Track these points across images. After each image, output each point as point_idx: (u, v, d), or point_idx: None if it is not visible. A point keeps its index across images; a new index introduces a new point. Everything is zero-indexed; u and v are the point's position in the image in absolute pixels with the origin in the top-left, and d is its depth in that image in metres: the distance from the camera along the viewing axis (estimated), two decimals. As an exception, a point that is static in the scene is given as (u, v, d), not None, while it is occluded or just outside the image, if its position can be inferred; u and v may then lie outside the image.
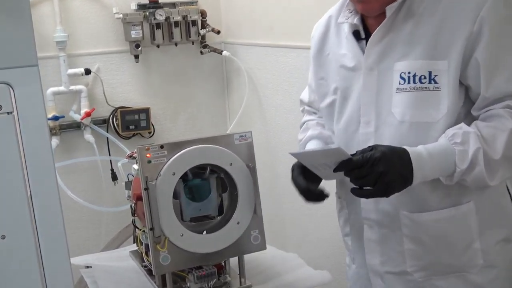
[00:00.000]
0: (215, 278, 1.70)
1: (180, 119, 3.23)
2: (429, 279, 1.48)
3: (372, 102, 1.44)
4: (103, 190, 3.01)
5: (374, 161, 1.27)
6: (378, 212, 1.49)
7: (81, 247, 2.98)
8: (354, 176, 1.31)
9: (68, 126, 2.95)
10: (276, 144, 2.85)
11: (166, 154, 1.59)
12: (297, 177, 1.47)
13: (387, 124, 1.42)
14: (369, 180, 1.29)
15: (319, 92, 1.61)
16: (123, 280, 1.85)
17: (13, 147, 1.04)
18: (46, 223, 1.10)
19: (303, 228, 2.74)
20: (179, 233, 1.60)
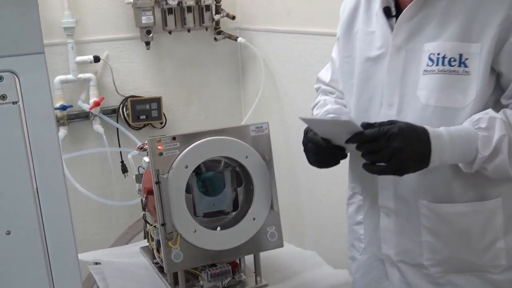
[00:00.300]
0: (230, 277, 1.70)
1: (193, 109, 3.23)
2: (445, 274, 1.46)
3: (396, 83, 1.42)
4: (112, 183, 3.02)
5: (391, 135, 1.27)
6: (396, 200, 1.48)
7: (90, 242, 3.00)
8: (367, 150, 1.31)
9: (76, 116, 2.96)
10: (294, 135, 2.84)
11: (178, 146, 1.59)
12: (313, 136, 1.46)
13: (410, 107, 1.40)
14: (382, 156, 1.28)
15: (344, 70, 1.60)
16: (133, 277, 1.85)
17: (18, 139, 1.03)
18: (53, 217, 1.09)
19: (322, 224, 2.73)
20: (192, 229, 1.60)
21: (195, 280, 1.74)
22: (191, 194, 1.63)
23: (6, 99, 1.02)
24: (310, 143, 1.48)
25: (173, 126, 3.16)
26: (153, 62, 3.09)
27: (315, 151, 1.47)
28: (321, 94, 1.74)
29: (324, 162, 1.49)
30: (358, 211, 1.62)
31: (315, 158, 1.48)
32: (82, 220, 3.01)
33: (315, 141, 1.45)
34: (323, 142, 1.43)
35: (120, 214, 3.07)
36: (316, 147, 1.45)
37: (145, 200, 1.79)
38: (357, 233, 1.63)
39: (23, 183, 1.04)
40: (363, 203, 1.59)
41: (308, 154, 1.51)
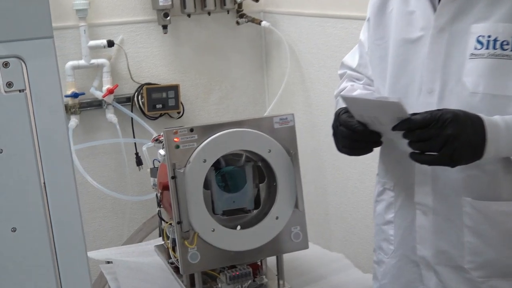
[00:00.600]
0: (250, 279, 1.70)
1: (212, 98, 3.22)
2: (488, 279, 1.43)
3: (438, 68, 1.39)
4: (126, 176, 3.03)
5: (444, 121, 1.24)
6: (435, 196, 1.44)
7: (101, 239, 3.02)
8: (417, 137, 1.27)
9: (89, 104, 2.97)
10: (322, 128, 2.82)
11: (196, 138, 1.58)
12: (347, 118, 1.42)
13: (454, 94, 1.37)
14: (434, 144, 1.25)
15: (375, 54, 1.57)
16: (147, 278, 1.86)
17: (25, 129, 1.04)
18: (61, 213, 1.09)
19: (350, 224, 2.72)
20: (210, 228, 1.60)
21: (213, 282, 1.74)
22: (209, 190, 1.63)
23: (13, 86, 1.02)
24: (342, 126, 1.43)
25: (191, 116, 3.16)
26: (171, 47, 3.09)
27: (347, 136, 1.43)
28: (346, 80, 1.71)
29: (356, 148, 1.45)
30: (388, 210, 1.59)
31: (346, 143, 1.45)
32: (94, 215, 3.03)
33: (349, 125, 1.41)
34: (359, 126, 1.39)
35: (134, 209, 3.09)
36: (349, 131, 1.41)
37: (160, 195, 1.79)
38: (386, 234, 1.60)
39: (29, 177, 1.05)
40: (395, 200, 1.56)
41: (338, 139, 1.47)
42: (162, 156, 1.78)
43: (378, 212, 1.63)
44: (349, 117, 1.42)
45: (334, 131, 1.49)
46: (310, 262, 1.92)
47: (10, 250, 1.06)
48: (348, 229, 2.75)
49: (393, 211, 1.57)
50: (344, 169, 2.68)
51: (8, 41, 0.99)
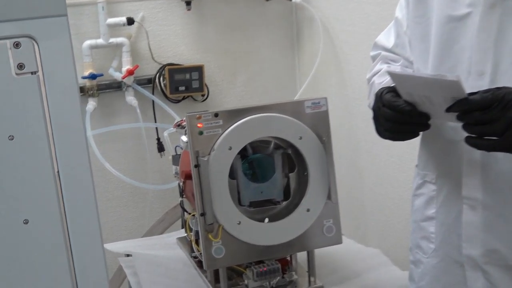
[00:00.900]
0: (279, 276, 1.70)
1: (239, 80, 3.21)
2: None
3: (489, 48, 1.36)
4: (147, 163, 3.05)
5: (508, 102, 1.20)
6: (485, 189, 1.41)
7: (120, 230, 3.05)
8: (475, 120, 1.24)
9: (107, 86, 2.98)
10: (357, 112, 2.80)
11: (221, 124, 1.58)
12: (393, 98, 1.38)
13: (508, 76, 1.33)
14: (496, 127, 1.21)
15: (414, 33, 1.54)
16: (169, 272, 1.87)
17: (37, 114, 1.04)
18: (75, 204, 1.10)
19: (388, 217, 2.70)
20: (236, 221, 1.60)
21: (239, 278, 1.74)
22: (235, 180, 1.63)
23: (24, 68, 1.02)
24: (386, 107, 1.40)
25: (216, 99, 3.16)
26: (195, 25, 3.09)
27: (391, 118, 1.39)
28: (381, 62, 1.68)
29: (401, 132, 1.42)
30: (429, 204, 1.56)
31: (390, 126, 1.41)
32: (112, 205, 3.05)
33: (395, 105, 1.37)
34: (407, 106, 1.35)
35: (155, 199, 3.10)
36: (394, 112, 1.37)
37: (182, 185, 1.80)
38: (426, 231, 1.58)
39: (42, 165, 1.05)
40: (437, 195, 1.53)
41: (381, 122, 1.43)
42: (185, 142, 1.78)
43: (417, 207, 1.60)
44: (394, 97, 1.38)
45: (375, 113, 1.46)
46: (344, 258, 1.92)
47: (22, 244, 1.06)
48: (385, 222, 2.73)
49: (434, 206, 1.54)
50: (382, 157, 2.65)
51: (19, 20, 0.99)
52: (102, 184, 2.96)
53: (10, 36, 1.00)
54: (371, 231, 2.84)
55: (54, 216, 1.07)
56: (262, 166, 1.68)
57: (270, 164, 1.67)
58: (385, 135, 1.44)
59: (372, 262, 1.90)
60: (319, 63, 3.01)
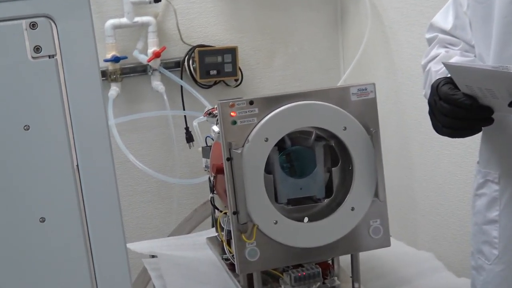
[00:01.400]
0: (319, 281, 1.70)
1: (277, 63, 3.21)
2: None
3: None
4: (174, 155, 3.06)
5: None
6: None
7: (145, 229, 3.07)
8: None
9: (132, 70, 3.00)
10: (409, 101, 2.78)
11: (257, 112, 1.58)
12: (451, 91, 1.38)
13: None
14: None
15: (476, 13, 1.53)
16: (197, 276, 1.88)
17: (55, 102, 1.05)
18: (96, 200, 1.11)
19: (442, 218, 2.68)
20: (272, 220, 1.60)
21: (275, 283, 1.74)
22: (271, 175, 1.63)
23: (41, 51, 1.03)
24: (443, 101, 1.40)
25: (251, 85, 3.16)
26: (228, 2, 3.09)
27: (450, 113, 1.39)
28: (438, 46, 1.67)
29: (461, 128, 1.41)
30: (492, 206, 1.55)
31: (448, 122, 1.41)
32: (136, 201, 3.07)
33: (453, 99, 1.37)
34: (467, 100, 1.35)
35: (183, 194, 3.12)
36: (452, 107, 1.38)
37: (213, 180, 1.80)
38: (489, 235, 1.57)
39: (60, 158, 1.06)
40: (501, 195, 1.53)
41: (438, 117, 1.43)
42: (216, 133, 1.78)
43: (478, 209, 1.59)
44: (452, 89, 1.38)
45: (431, 107, 1.45)
46: (392, 262, 1.91)
47: (38, 244, 1.08)
48: (439, 223, 2.71)
49: (497, 209, 1.53)
50: (435, 150, 2.63)
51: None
52: (125, 177, 2.99)
53: (26, 16, 1.01)
54: (422, 233, 2.82)
55: (72, 214, 1.09)
56: (301, 159, 1.68)
57: (310, 157, 1.67)
58: (443, 132, 1.44)
59: (423, 267, 1.89)
60: (366, 44, 2.99)
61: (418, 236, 2.82)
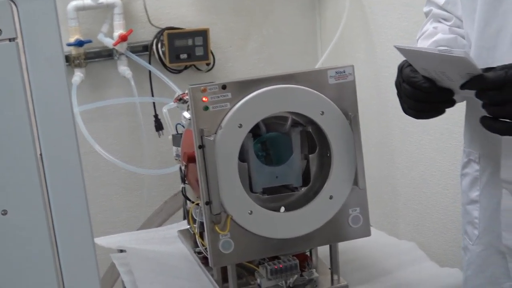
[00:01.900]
0: (297, 274, 1.71)
1: (250, 46, 3.21)
2: None
3: None
4: (143, 144, 3.05)
5: None
6: None
7: (113, 221, 3.06)
8: (489, 99, 1.28)
9: (97, 54, 2.99)
10: (389, 84, 2.78)
11: (230, 97, 1.58)
12: (411, 74, 1.43)
13: None
14: (508, 110, 1.26)
15: None
16: (169, 270, 1.88)
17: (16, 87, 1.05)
18: (61, 192, 1.11)
19: (424, 206, 2.70)
20: (247, 210, 1.61)
21: (251, 276, 1.75)
22: (246, 163, 1.64)
23: (1, 34, 1.03)
24: (406, 83, 1.44)
25: (224, 69, 3.15)
26: (198, -18, 3.08)
27: (412, 95, 1.43)
28: (432, 20, 1.70)
29: (424, 110, 1.45)
30: (473, 186, 1.59)
31: (412, 104, 1.45)
32: (103, 193, 3.06)
33: (413, 81, 1.42)
34: (425, 82, 1.39)
35: (153, 185, 3.11)
36: (413, 89, 1.42)
37: (184, 169, 1.80)
38: (471, 216, 1.62)
39: (22, 148, 1.06)
40: (480, 175, 1.56)
41: (404, 99, 1.48)
42: (187, 120, 1.78)
43: (463, 189, 1.64)
44: (412, 72, 1.42)
45: (397, 89, 1.49)
46: (373, 252, 1.92)
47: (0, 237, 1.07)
48: (421, 212, 2.73)
49: (478, 189, 1.57)
50: (417, 136, 2.65)
51: (-6, -22, 1.00)
52: (91, 169, 2.97)
53: (-16, -2, 1.01)
54: (404, 222, 2.84)
55: (36, 207, 1.08)
56: (277, 146, 1.68)
57: (286, 144, 1.68)
58: (408, 113, 1.49)
59: (405, 258, 1.90)
60: (345, 25, 3.00)
61: (400, 225, 2.84)
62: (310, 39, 3.30)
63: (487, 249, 1.58)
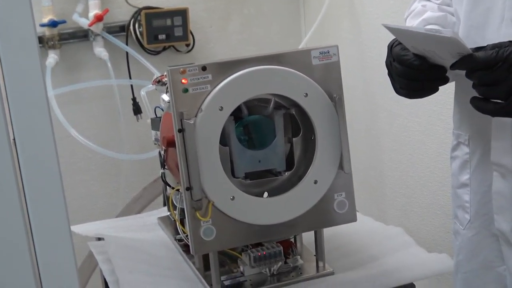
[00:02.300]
0: (281, 261, 1.72)
1: (232, 26, 3.20)
2: None
3: None
4: (121, 128, 3.05)
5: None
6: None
7: (90, 208, 3.06)
8: (479, 79, 1.30)
9: (71, 35, 2.97)
10: (375, 64, 2.79)
11: (210, 79, 1.58)
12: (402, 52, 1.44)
13: None
14: (499, 90, 1.27)
15: None
16: (148, 258, 1.88)
17: (-13, 70, 1.04)
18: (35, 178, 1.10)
19: (411, 190, 2.71)
20: (229, 196, 1.61)
21: (233, 264, 1.76)
22: (227, 147, 1.64)
23: (-32, 14, 1.02)
24: (397, 62, 1.45)
25: (204, 50, 3.15)
26: (176, -41, 3.07)
27: (403, 74, 1.44)
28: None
29: (417, 88, 1.46)
30: (463, 169, 1.61)
31: (404, 83, 1.46)
32: (80, 179, 3.06)
33: (404, 59, 1.43)
34: (416, 60, 1.40)
35: (131, 171, 3.11)
36: (405, 68, 1.43)
37: (164, 154, 1.80)
38: (461, 200, 1.63)
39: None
40: (471, 158, 1.58)
41: (395, 78, 1.49)
42: (166, 102, 1.78)
43: (453, 172, 1.66)
44: (403, 50, 1.43)
45: (388, 68, 1.49)
46: (359, 238, 1.93)
47: (-29, 226, 1.07)
48: (408, 196, 2.75)
49: (468, 172, 1.58)
50: (404, 118, 2.66)
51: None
52: (67, 154, 2.97)
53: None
54: (391, 207, 2.86)
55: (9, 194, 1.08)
56: (259, 129, 1.68)
57: (269, 127, 1.68)
58: (400, 93, 1.50)
59: (392, 244, 1.91)
60: (329, 4, 3.00)
61: (387, 210, 2.86)
62: (293, 18, 3.30)
63: (479, 233, 1.59)
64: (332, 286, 1.70)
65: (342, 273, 1.75)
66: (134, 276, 1.78)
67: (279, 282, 1.71)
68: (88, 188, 3.10)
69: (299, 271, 1.75)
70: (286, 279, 1.72)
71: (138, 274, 1.79)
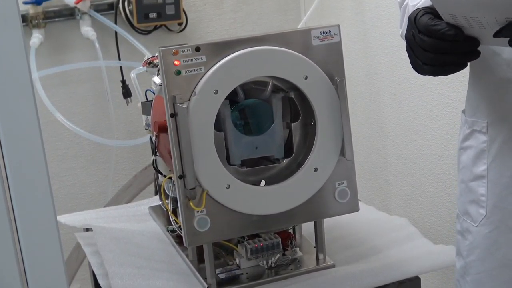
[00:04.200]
0: (279, 253, 1.73)
1: (226, 4, 3.20)
2: None
3: None
4: (110, 112, 3.05)
5: None
6: None
7: (78, 197, 3.06)
8: None
9: (57, 13, 2.96)
10: (378, 46, 2.79)
11: (204, 61, 1.58)
12: (431, 22, 1.37)
13: None
14: None
15: None
16: (139, 251, 1.89)
17: (-33, 51, 1.03)
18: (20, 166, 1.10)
19: (417, 178, 2.72)
20: (224, 184, 1.61)
21: (229, 256, 1.76)
22: (222, 133, 1.64)
23: None
24: (423, 34, 1.39)
25: (198, 30, 3.14)
26: None
27: (431, 46, 1.38)
28: None
29: (445, 63, 1.40)
30: (479, 160, 1.57)
31: (430, 58, 1.40)
32: (67, 167, 3.06)
33: (434, 29, 1.36)
34: (451, 30, 1.34)
35: (121, 158, 3.11)
36: (435, 40, 1.36)
37: (155, 140, 1.80)
38: (475, 193, 1.60)
39: (-25, 117, 1.05)
40: (489, 146, 1.54)
41: (418, 53, 1.42)
42: (158, 85, 1.78)
43: (464, 164, 1.61)
44: (432, 19, 1.37)
45: (409, 43, 1.45)
46: (361, 229, 1.93)
47: (-48, 216, 1.07)
48: (413, 185, 2.75)
49: (485, 162, 1.55)
50: (409, 101, 2.66)
51: None
52: (53, 140, 2.97)
53: None
54: (395, 196, 2.86)
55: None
56: (257, 114, 1.69)
57: (267, 111, 1.68)
58: (424, 70, 1.43)
59: (397, 235, 1.91)
60: (329, -19, 2.99)
61: (391, 199, 2.86)
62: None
63: (497, 228, 1.56)
64: (332, 279, 1.70)
65: (343, 266, 1.76)
66: (124, 269, 1.78)
67: (277, 275, 1.72)
68: (76, 176, 3.10)
69: (298, 264, 1.76)
70: (284, 272, 1.72)
71: (128, 267, 1.79)
